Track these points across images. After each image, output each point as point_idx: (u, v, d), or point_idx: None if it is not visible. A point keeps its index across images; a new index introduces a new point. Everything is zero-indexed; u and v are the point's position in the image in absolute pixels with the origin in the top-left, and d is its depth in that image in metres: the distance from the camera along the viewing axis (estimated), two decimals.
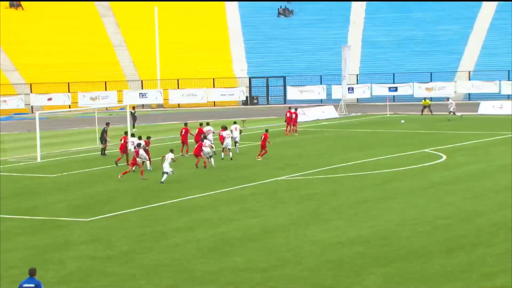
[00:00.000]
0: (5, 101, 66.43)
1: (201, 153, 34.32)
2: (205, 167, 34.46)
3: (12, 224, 24.80)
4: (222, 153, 37.97)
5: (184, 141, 39.21)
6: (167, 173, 31.00)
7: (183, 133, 39.24)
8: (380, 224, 23.86)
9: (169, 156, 31.33)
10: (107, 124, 40.97)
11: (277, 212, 25.93)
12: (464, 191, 28.72)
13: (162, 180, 30.94)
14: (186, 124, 40.17)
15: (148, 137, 36.19)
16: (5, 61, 72.56)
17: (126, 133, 37.18)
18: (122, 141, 36.51)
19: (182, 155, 37.94)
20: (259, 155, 36.94)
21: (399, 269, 19.14)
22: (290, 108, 50.14)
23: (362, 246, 21.28)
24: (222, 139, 37.70)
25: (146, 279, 18.82)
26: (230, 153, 37.54)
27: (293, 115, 47.91)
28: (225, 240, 22.27)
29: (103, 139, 39.92)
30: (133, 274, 19.20)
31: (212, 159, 35.16)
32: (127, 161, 35.24)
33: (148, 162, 34.21)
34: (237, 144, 39.63)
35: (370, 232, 22.86)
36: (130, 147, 35.86)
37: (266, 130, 38.82)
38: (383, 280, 18.35)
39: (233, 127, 39.95)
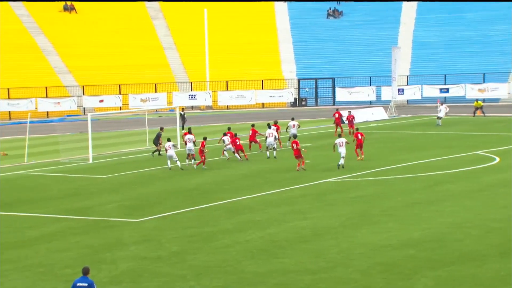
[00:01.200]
0: (58, 103, 67.64)
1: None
2: (246, 158, 36.26)
3: (66, 224, 25.21)
4: (267, 152, 38.24)
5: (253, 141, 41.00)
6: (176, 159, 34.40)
7: (250, 133, 41.16)
8: (431, 226, 23.55)
9: (170, 144, 35.02)
10: (161, 128, 41.38)
11: (327, 214, 25.80)
12: None
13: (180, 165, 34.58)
14: (229, 129, 40.66)
15: (205, 138, 36.61)
16: (59, 63, 73.87)
17: (205, 138, 36.70)
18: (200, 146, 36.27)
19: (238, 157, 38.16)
20: (298, 165, 34.49)
21: (452, 273, 18.86)
22: (337, 109, 50.08)
23: (413, 249, 21.03)
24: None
25: (196, 280, 18.92)
26: (275, 152, 38.16)
27: (339, 117, 48.33)
28: (274, 242, 22.25)
29: (157, 142, 40.28)
30: (183, 275, 19.32)
31: (275, 151, 37.71)
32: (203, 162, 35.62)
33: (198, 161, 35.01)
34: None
35: (422, 234, 22.58)
36: (189, 145, 36.52)
37: (295, 136, 39.38)
38: (435, 284, 18.11)
39: (291, 123, 42.38)
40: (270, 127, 39.30)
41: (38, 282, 19.01)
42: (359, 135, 36.62)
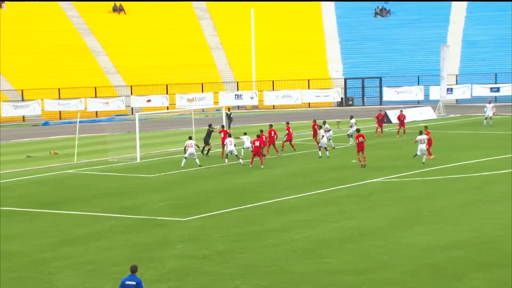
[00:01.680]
0: (107, 103, 68.54)
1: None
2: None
3: (115, 223, 25.51)
4: (319, 152, 38.21)
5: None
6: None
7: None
8: (482, 228, 23.18)
9: (191, 143, 35.94)
10: (210, 125, 41.47)
11: (373, 214, 25.60)
12: None
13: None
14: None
15: (261, 130, 38.01)
16: (108, 64, 74.86)
17: (258, 135, 36.60)
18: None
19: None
20: (360, 160, 35.02)
21: (504, 275, 18.50)
22: (380, 110, 49.72)
23: (463, 250, 20.73)
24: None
25: (242, 279, 18.95)
26: (327, 152, 38.01)
27: (381, 118, 48.11)
28: (320, 242, 22.16)
29: (207, 140, 40.27)
30: (230, 274, 19.37)
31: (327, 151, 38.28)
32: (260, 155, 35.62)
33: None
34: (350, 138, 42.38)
35: (472, 236, 22.24)
36: (230, 147, 36.63)
37: (358, 131, 38.95)
38: (486, 286, 17.82)
39: (352, 120, 43.45)
40: (320, 127, 39.51)
41: (88, 279, 19.28)
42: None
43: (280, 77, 73.19)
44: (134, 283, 14.85)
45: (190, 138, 37.14)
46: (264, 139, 37.27)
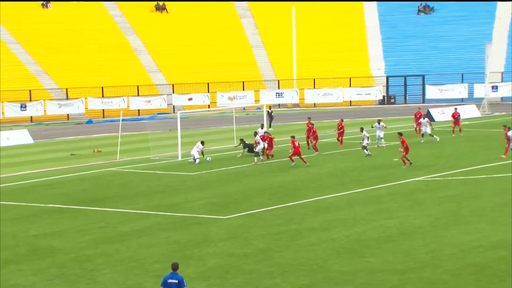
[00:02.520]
0: (149, 101, 69.15)
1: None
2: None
3: (156, 220, 25.74)
4: (366, 151, 37.95)
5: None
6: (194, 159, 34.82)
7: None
8: None
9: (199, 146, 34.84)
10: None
11: (415, 213, 25.36)
12: None
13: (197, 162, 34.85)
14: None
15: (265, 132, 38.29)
16: (150, 62, 75.53)
17: (293, 137, 36.63)
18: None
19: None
20: (404, 162, 34.58)
21: None
22: (419, 108, 49.16)
23: (506, 251, 20.41)
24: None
25: (282, 277, 18.95)
26: (366, 151, 38.04)
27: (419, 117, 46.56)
28: (361, 241, 22.04)
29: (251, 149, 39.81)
30: (269, 272, 19.39)
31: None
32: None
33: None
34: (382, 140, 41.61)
35: None
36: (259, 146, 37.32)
37: (400, 134, 37.36)
38: None
39: (364, 133, 39.90)
40: (362, 130, 39.01)
41: (129, 276, 19.48)
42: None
43: (321, 75, 72.95)
44: (176, 281, 14.93)
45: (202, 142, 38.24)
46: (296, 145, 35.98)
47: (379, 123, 41.67)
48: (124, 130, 45.64)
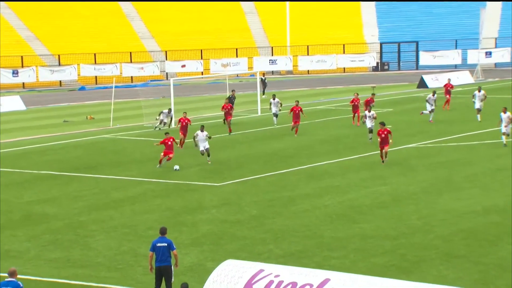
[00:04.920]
0: (142, 68, 68.89)
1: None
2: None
3: (149, 187, 25.81)
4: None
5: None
6: (202, 150, 29.08)
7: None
8: None
9: (204, 134, 29.28)
10: (233, 91, 41.20)
11: (408, 179, 25.48)
12: None
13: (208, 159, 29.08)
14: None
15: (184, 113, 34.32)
16: (143, 29, 75.07)
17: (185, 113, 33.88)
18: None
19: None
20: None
21: None
22: (449, 80, 45.92)
23: (498, 216, 20.59)
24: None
25: (275, 243, 19.08)
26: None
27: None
28: (354, 207, 22.18)
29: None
30: (262, 238, 19.51)
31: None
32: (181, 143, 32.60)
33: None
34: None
35: (507, 201, 22.05)
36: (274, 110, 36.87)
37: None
38: None
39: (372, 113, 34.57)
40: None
41: (123, 242, 19.59)
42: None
43: (315, 42, 72.70)
44: (166, 244, 15.08)
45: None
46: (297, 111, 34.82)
47: (369, 111, 34.61)
48: (117, 97, 45.52)
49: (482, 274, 16.30)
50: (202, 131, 29.45)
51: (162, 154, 28.75)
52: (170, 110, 39.12)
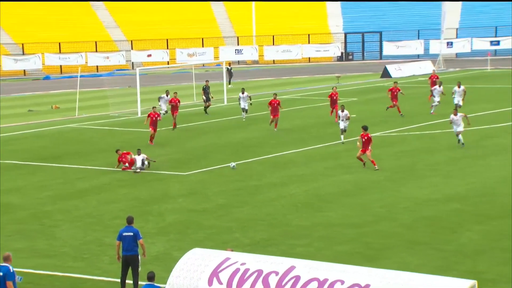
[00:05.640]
0: (107, 57, 68.42)
1: None
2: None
3: (115, 177, 25.80)
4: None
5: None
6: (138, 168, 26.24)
7: None
8: (478, 181, 23.45)
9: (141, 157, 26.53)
10: (207, 81, 41.06)
11: (371, 168, 25.81)
12: None
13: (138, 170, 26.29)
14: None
15: (175, 93, 35.40)
16: (108, 18, 74.47)
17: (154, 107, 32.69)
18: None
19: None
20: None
21: (498, 227, 18.83)
22: (434, 71, 44.46)
23: (459, 203, 21.02)
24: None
25: (241, 232, 19.26)
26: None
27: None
28: (319, 196, 22.45)
29: (207, 98, 39.48)
30: (229, 227, 19.68)
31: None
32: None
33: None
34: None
35: (468, 189, 22.52)
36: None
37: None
38: (480, 237, 18.13)
39: (345, 112, 32.20)
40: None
41: (88, 232, 19.60)
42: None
43: (281, 32, 72.88)
44: (132, 233, 15.14)
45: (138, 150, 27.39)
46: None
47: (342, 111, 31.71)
48: (82, 86, 45.22)
49: (443, 260, 16.66)
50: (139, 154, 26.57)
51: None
52: (168, 92, 37.68)
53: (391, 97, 37.34)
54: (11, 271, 13.19)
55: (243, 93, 37.04)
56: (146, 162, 26.59)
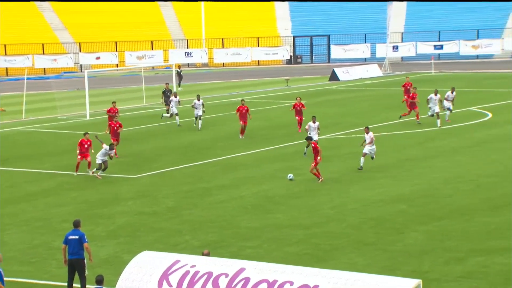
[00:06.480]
0: (55, 60, 67.61)
1: None
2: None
3: (64, 180, 25.58)
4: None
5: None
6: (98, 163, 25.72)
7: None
8: (423, 182, 23.97)
9: (105, 148, 26.07)
10: (167, 84, 40.57)
11: (320, 170, 26.13)
12: (509, 149, 28.54)
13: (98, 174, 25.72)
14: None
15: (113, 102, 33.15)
16: (55, 20, 73.57)
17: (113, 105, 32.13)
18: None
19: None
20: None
21: (442, 227, 19.27)
22: (407, 78, 41.98)
23: (404, 204, 21.45)
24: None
25: (192, 234, 19.32)
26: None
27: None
28: (268, 198, 22.65)
29: (167, 101, 38.93)
30: (179, 230, 19.72)
31: None
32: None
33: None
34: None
35: (413, 190, 22.99)
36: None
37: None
38: (425, 238, 18.53)
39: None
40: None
41: (36, 236, 19.42)
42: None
43: (230, 35, 73.06)
44: (77, 237, 15.05)
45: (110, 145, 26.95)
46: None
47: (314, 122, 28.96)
48: (29, 89, 44.64)
49: (389, 260, 16.99)
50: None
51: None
52: (175, 93, 36.90)
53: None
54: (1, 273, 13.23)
55: (198, 99, 35.19)
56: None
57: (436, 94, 34.36)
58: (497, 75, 56.49)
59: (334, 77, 57.75)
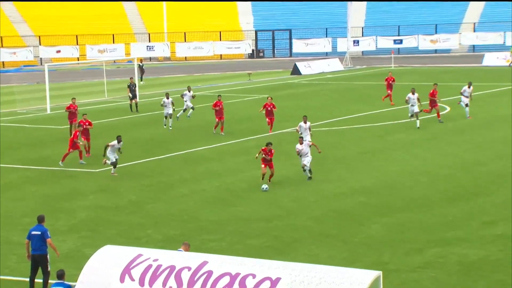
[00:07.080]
0: (14, 53, 66.69)
1: None
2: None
3: (24, 174, 25.35)
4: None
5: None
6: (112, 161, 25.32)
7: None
8: (382, 175, 24.29)
9: (112, 144, 25.53)
10: (131, 78, 39.99)
11: (281, 163, 26.29)
12: (465, 142, 29.11)
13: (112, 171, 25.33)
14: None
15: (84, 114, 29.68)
16: (14, 12, 72.53)
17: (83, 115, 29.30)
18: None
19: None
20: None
21: (401, 219, 19.58)
22: (390, 72, 41.83)
23: (364, 196, 21.72)
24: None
25: (154, 228, 19.34)
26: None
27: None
28: (230, 191, 22.75)
29: (134, 95, 38.53)
30: (141, 223, 19.72)
31: None
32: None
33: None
34: None
35: (373, 182, 23.29)
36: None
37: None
38: (385, 229, 18.81)
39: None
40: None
41: None
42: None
43: (192, 29, 72.87)
44: (39, 232, 15.00)
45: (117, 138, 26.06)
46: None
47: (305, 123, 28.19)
48: None
49: (350, 252, 17.22)
50: None
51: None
52: (189, 87, 35.77)
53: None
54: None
55: (167, 97, 33.93)
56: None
57: (413, 93, 32.79)
58: (455, 69, 57.33)
59: (296, 71, 58.03)
